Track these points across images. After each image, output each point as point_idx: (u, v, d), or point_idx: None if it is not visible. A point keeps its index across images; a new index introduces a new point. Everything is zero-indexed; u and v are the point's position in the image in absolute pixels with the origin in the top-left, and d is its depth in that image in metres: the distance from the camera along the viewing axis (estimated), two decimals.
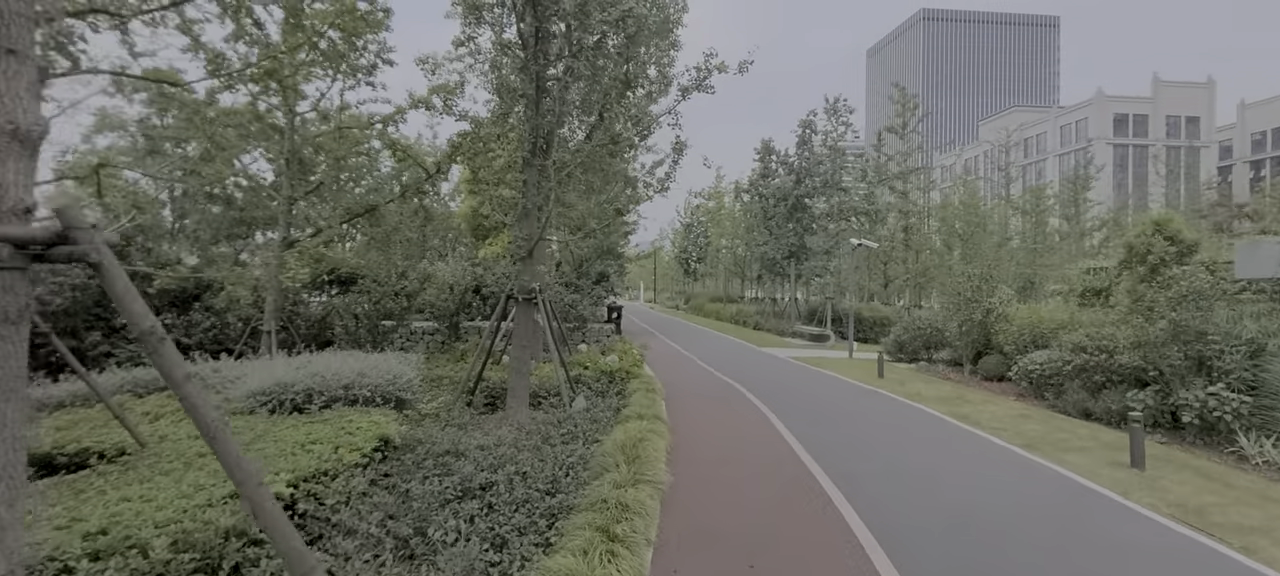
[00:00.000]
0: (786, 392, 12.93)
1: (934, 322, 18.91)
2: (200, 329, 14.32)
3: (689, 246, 57.10)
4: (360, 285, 17.66)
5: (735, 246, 46.62)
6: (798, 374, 16.14)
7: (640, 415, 8.65)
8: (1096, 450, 8.61)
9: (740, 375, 15.31)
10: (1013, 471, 7.53)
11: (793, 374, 16.11)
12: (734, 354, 20.70)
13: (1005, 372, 14.84)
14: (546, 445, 7.11)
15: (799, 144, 32.74)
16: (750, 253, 40.26)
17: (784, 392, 12.90)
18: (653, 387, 11.71)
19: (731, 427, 9.74)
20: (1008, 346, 14.89)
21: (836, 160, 30.09)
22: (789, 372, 16.37)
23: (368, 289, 17.10)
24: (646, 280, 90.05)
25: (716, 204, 52.83)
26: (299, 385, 8.04)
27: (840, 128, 30.40)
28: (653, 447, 6.77)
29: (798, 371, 16.65)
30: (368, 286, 17.05)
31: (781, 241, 31.83)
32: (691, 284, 62.22)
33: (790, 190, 32.62)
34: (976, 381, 15.24)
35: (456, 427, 8.30)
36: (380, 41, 13.54)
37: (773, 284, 41.53)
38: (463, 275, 18.43)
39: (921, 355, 19.39)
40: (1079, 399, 11.12)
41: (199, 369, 10.50)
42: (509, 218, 10.83)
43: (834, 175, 30.13)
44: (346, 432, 6.41)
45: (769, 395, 12.48)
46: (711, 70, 9.93)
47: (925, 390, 13.49)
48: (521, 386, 10.01)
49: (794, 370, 16.95)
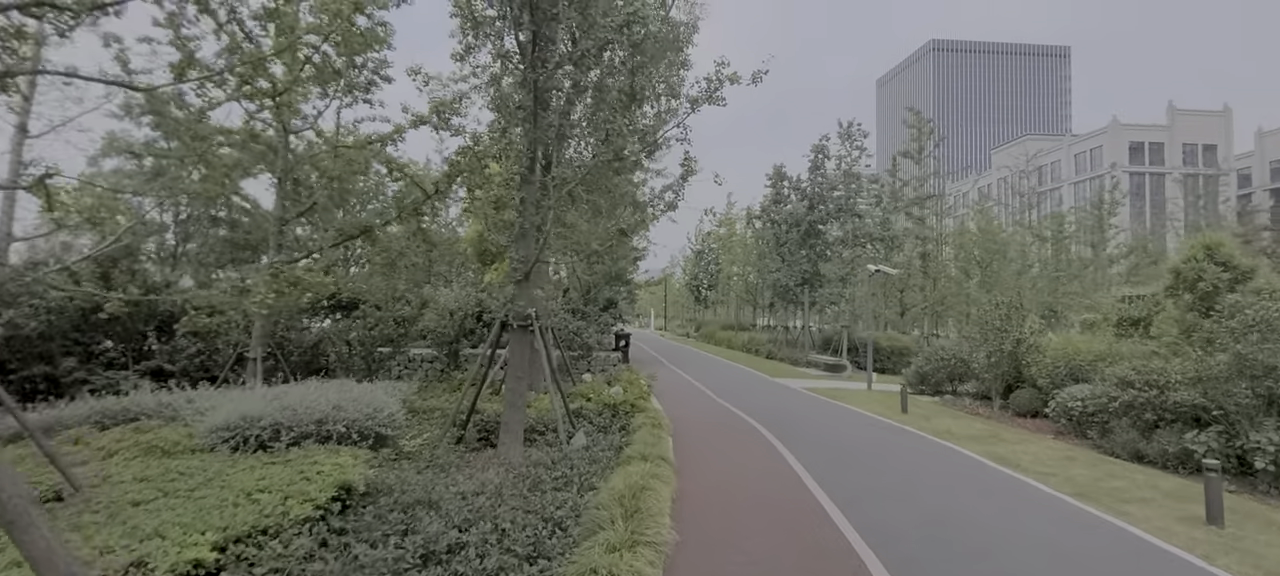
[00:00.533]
0: (804, 429, 11.97)
1: (958, 353, 17.87)
2: (185, 355, 13.69)
3: (700, 273, 56.35)
4: (360, 310, 17.04)
5: (747, 273, 45.77)
6: (814, 407, 15.15)
7: (644, 456, 7.78)
8: (1159, 501, 7.59)
9: (754, 408, 14.37)
10: (1070, 527, 6.54)
11: (809, 407, 15.12)
12: (746, 384, 19.74)
13: (1040, 408, 13.77)
14: (535, 492, 6.26)
15: (811, 168, 32.09)
16: (762, 279, 39.40)
17: (801, 429, 11.94)
18: (659, 422, 10.82)
19: (746, 470, 8.82)
20: (1042, 379, 13.85)
21: (851, 185, 29.34)
22: (805, 405, 15.38)
23: (364, 314, 16.45)
24: (657, 307, 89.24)
25: (727, 230, 52.15)
26: (266, 420, 7.27)
27: (855, 152, 29.74)
28: (655, 498, 5.89)
29: (814, 404, 15.66)
30: (365, 312, 16.40)
31: (794, 268, 30.98)
32: (702, 311, 61.29)
33: (803, 216, 31.87)
34: (1008, 417, 14.16)
35: (437, 470, 7.48)
36: (380, 58, 13.12)
37: (785, 312, 40.54)
38: (464, 300, 17.74)
39: (945, 387, 18.32)
40: (1129, 439, 10.07)
41: (172, 399, 9.80)
42: (506, 238, 10.15)
43: (848, 200, 29.36)
44: (304, 478, 5.62)
45: (785, 431, 11.53)
46: (723, 80, 9.24)
47: (955, 427, 12.46)
48: (516, 421, 9.18)
49: (810, 403, 15.96)
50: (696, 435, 11.25)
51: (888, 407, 14.94)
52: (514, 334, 9.42)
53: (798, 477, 8.21)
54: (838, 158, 30.08)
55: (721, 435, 11.37)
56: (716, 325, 52.25)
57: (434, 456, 7.93)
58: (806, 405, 15.46)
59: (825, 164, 32.02)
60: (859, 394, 17.99)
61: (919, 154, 29.25)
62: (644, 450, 8.09)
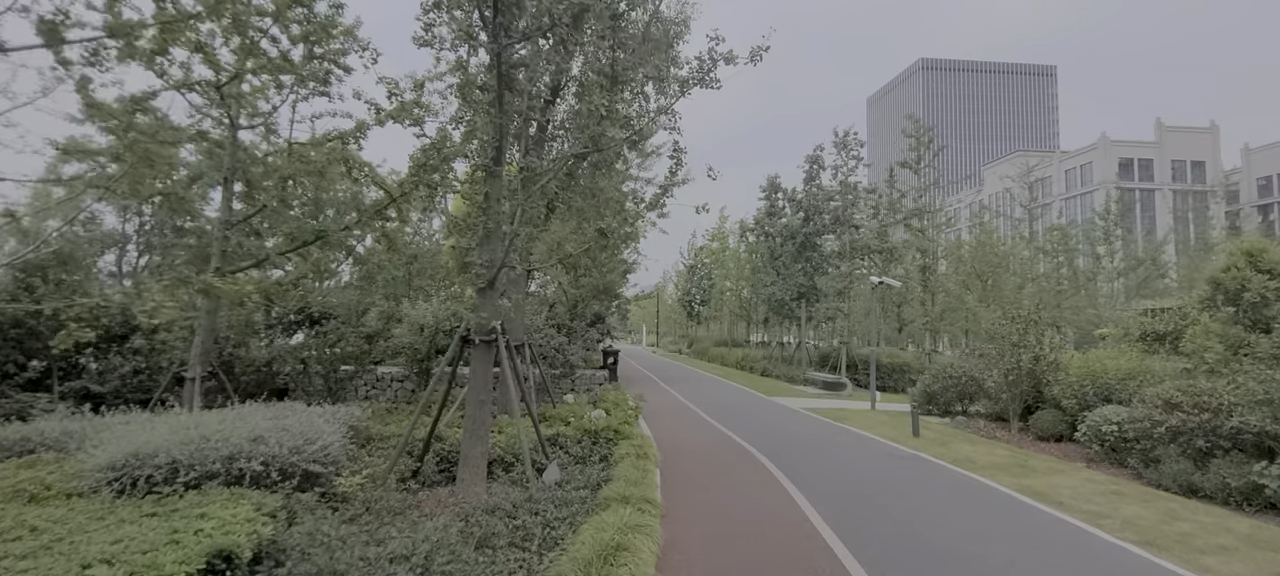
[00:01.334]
0: (809, 458, 10.69)
1: (968, 370, 16.68)
2: (117, 374, 12.26)
3: (692, 288, 55.21)
4: (321, 326, 15.69)
5: (740, 288, 44.68)
6: (817, 431, 13.88)
7: (625, 497, 6.48)
8: (1241, 550, 6.35)
9: (751, 432, 13.08)
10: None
11: (812, 431, 13.85)
12: (742, 405, 18.45)
13: (1065, 431, 12.58)
14: (484, 551, 4.94)
15: (806, 179, 31.16)
16: (756, 294, 38.31)
17: (806, 458, 10.66)
18: (645, 452, 9.52)
19: (746, 511, 7.52)
20: (1067, 400, 12.66)
21: (848, 196, 28.36)
22: (807, 429, 14.11)
23: (325, 330, 15.10)
24: (650, 323, 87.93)
25: (720, 244, 51.14)
26: (161, 456, 5.92)
27: (851, 162, 28.80)
28: (635, 561, 4.59)
29: (817, 428, 14.39)
30: (325, 327, 15.05)
31: (790, 282, 29.88)
32: (695, 327, 60.08)
33: (799, 228, 30.86)
34: (1029, 441, 12.94)
35: (373, 516, 6.13)
36: (338, 48, 11.91)
37: (780, 327, 39.40)
38: (440, 314, 16.43)
39: (954, 407, 17.11)
40: (1179, 470, 8.86)
41: (81, 426, 8.40)
42: (470, 241, 8.91)
43: (845, 211, 28.36)
44: (174, 537, 4.28)
45: (789, 462, 10.24)
46: (717, 59, 8.09)
47: (975, 454, 11.22)
48: (476, 453, 7.86)
49: (812, 426, 14.69)
50: (688, 467, 9.94)
51: (897, 431, 13.70)
52: (475, 350, 8.13)
53: (810, 524, 6.92)
54: (834, 167, 29.14)
55: (717, 466, 10.07)
56: (709, 341, 51.02)
57: (372, 499, 6.58)
58: (808, 428, 14.18)
59: (820, 175, 31.11)
60: (863, 415, 16.74)
61: (918, 163, 28.38)
62: (625, 489, 6.79)
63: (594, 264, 23.47)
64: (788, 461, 10.20)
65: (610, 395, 15.34)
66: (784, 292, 29.67)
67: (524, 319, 12.97)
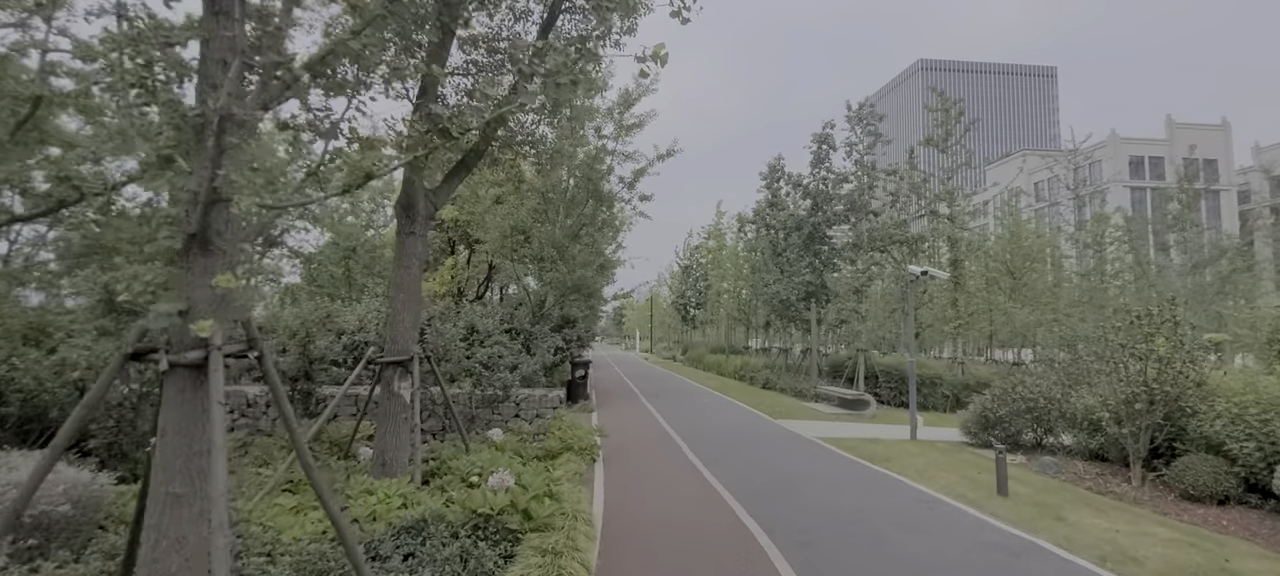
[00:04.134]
0: (861, 554, 6.37)
1: (1045, 389, 12.42)
2: None
3: (687, 291, 50.99)
4: None
5: (738, 289, 40.41)
6: (856, 484, 9.55)
7: None
8: None
9: (761, 490, 8.77)
10: None
11: (848, 485, 9.50)
12: (743, 434, 14.12)
13: (1233, 490, 8.32)
14: None
15: (814, 162, 26.92)
16: (756, 295, 34.05)
17: (857, 554, 6.35)
18: (573, 548, 5.24)
19: None
20: (1235, 441, 8.38)
21: (864, 178, 24.09)
22: (841, 481, 9.77)
23: None
24: (643, 328, 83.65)
25: (717, 243, 46.93)
26: None
27: (867, 138, 24.56)
28: None
29: (854, 477, 10.05)
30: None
31: (795, 280, 25.62)
32: (690, 333, 55.85)
33: (806, 218, 26.62)
34: (1172, 501, 8.67)
35: None
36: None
37: (784, 332, 35.14)
38: (313, 318, 12.06)
39: (1024, 436, 12.84)
40: None
41: None
42: None
43: (860, 196, 24.11)
44: None
45: (829, 559, 5.95)
46: None
47: (1126, 541, 6.91)
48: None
49: (845, 473, 10.36)
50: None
51: (969, 483, 9.40)
52: (168, 380, 3.78)
53: None
54: (847, 146, 24.88)
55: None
56: (705, 348, 46.78)
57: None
58: (842, 481, 9.84)
59: (830, 156, 26.90)
60: (906, 449, 12.45)
61: (945, 140, 24.21)
62: None
63: (561, 255, 19.21)
64: (828, 558, 5.91)
65: (559, 427, 11.03)
66: (790, 292, 25.38)
67: (416, 315, 8.67)
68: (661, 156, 19.12)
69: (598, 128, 19.57)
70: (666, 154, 19.11)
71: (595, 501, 7.99)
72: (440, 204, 9.13)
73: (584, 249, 21.10)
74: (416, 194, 8.60)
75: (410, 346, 8.38)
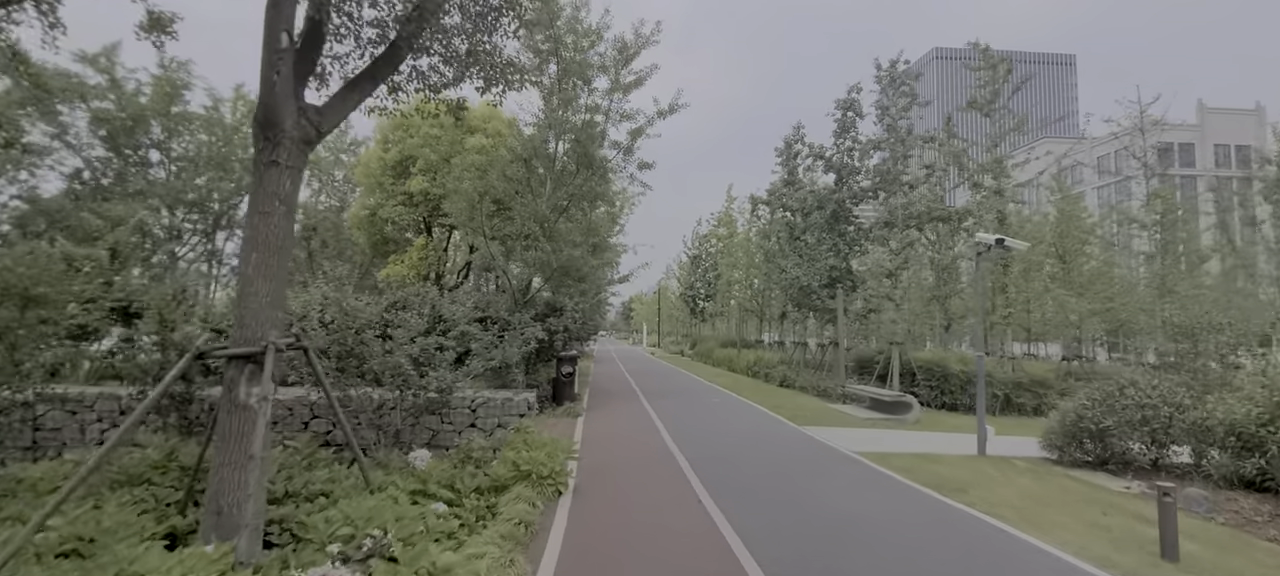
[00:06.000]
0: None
1: (1166, 393, 9.39)
2: None
3: (696, 282, 48.06)
4: None
5: (751, 278, 37.33)
6: (937, 543, 6.57)
7: None
8: None
9: (803, 559, 5.87)
10: None
11: (924, 543, 6.52)
12: (764, 451, 11.18)
13: None
14: None
15: (838, 132, 23.85)
16: (770, 283, 31.04)
17: None
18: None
19: None
20: None
21: (898, 147, 20.93)
22: (909, 534, 6.80)
23: None
24: (651, 322, 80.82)
25: (728, 230, 43.90)
26: None
27: (901, 100, 21.42)
28: None
29: (925, 524, 7.08)
30: None
31: (817, 264, 22.62)
32: (699, 326, 52.95)
33: (829, 194, 23.58)
34: None
35: None
36: None
37: (802, 325, 32.13)
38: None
39: (1131, 453, 9.82)
40: None
41: None
42: None
43: (894, 167, 20.97)
44: None
45: None
46: None
47: None
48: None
49: (910, 516, 7.38)
50: None
51: (1097, 531, 6.43)
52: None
53: None
54: (879, 109, 21.72)
55: None
56: (715, 341, 43.85)
57: None
58: (911, 529, 6.87)
59: (856, 125, 23.82)
60: (979, 472, 9.47)
61: (991, 103, 21.05)
62: None
63: (545, 232, 16.30)
64: None
65: (524, 441, 8.17)
66: (811, 277, 22.37)
67: (279, 286, 5.83)
68: (662, 113, 16.14)
69: (588, 83, 16.65)
70: (669, 109, 16.13)
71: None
72: (327, 125, 6.25)
73: (574, 226, 18.22)
74: (280, 105, 5.74)
75: (266, 331, 5.54)
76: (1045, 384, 19.21)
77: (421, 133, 18.29)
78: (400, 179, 18.69)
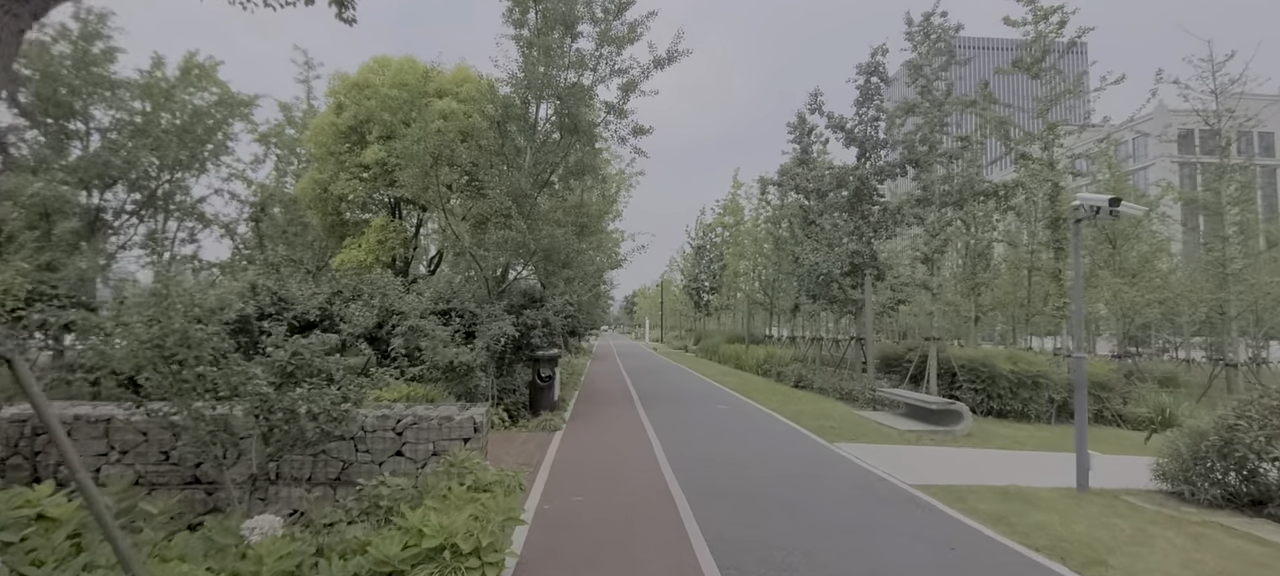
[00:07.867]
0: None
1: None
2: None
3: (700, 273, 45.33)
4: None
5: (760, 268, 34.54)
6: None
7: None
8: None
9: None
10: None
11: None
12: (790, 480, 8.48)
13: None
14: None
15: (860, 101, 21.00)
16: (781, 272, 28.25)
17: None
18: None
19: None
20: None
21: (937, 112, 18.02)
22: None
23: None
24: (654, 316, 78.31)
25: (734, 218, 41.10)
26: None
27: (937, 59, 18.54)
28: None
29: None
30: None
31: (838, 250, 19.85)
32: (703, 320, 50.28)
33: (851, 171, 20.76)
34: None
35: None
36: None
37: (816, 318, 29.41)
38: None
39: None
40: None
41: None
42: None
43: (931, 134, 18.12)
44: None
45: None
46: None
47: None
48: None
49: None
50: None
51: None
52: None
53: None
54: (912, 69, 18.84)
55: None
56: (720, 336, 41.19)
57: None
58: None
59: (880, 92, 20.99)
60: (1104, 525, 6.75)
61: (1040, 62, 18.23)
62: None
63: (520, 208, 13.59)
64: None
65: (446, 487, 5.51)
66: (831, 265, 19.59)
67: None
68: (659, 62, 13.36)
69: (572, 32, 13.90)
70: (666, 57, 13.35)
71: None
72: None
73: (557, 204, 15.53)
74: None
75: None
76: (1105, 386, 16.45)
77: (380, 94, 15.60)
78: (356, 148, 15.99)
